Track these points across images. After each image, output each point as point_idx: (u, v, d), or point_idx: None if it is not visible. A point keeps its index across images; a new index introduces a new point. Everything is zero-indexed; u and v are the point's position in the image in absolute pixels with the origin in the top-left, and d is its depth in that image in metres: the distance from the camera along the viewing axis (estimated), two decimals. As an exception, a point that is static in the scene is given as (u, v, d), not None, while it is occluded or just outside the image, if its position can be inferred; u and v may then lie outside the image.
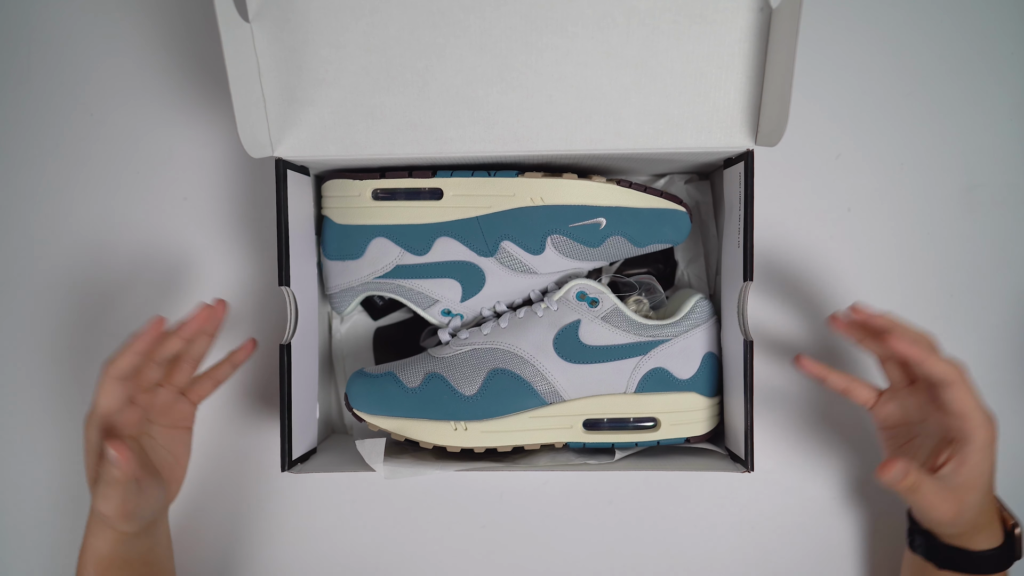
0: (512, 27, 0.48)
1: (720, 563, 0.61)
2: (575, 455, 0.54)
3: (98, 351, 0.62)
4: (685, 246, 0.60)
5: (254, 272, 0.62)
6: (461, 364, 0.53)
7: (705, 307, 0.53)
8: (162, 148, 0.62)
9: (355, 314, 0.61)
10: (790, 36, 0.43)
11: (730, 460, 0.52)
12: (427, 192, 0.53)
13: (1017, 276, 0.61)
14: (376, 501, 0.62)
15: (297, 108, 0.50)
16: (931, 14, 0.61)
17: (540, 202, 0.52)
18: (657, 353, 0.52)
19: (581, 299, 0.53)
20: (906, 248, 0.61)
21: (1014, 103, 0.61)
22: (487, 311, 0.55)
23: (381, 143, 0.50)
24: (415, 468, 0.51)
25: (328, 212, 0.55)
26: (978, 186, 0.61)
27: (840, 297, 0.61)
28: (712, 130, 0.49)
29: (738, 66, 0.48)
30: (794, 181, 0.62)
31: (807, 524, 0.61)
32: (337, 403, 0.62)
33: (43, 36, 0.62)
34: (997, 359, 0.61)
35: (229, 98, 0.44)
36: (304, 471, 0.52)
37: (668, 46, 0.48)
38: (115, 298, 0.62)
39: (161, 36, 0.62)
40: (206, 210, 0.62)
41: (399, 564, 0.62)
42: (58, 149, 0.62)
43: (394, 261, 0.53)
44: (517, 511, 0.62)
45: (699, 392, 0.53)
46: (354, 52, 0.49)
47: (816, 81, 0.61)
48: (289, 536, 0.62)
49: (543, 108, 0.49)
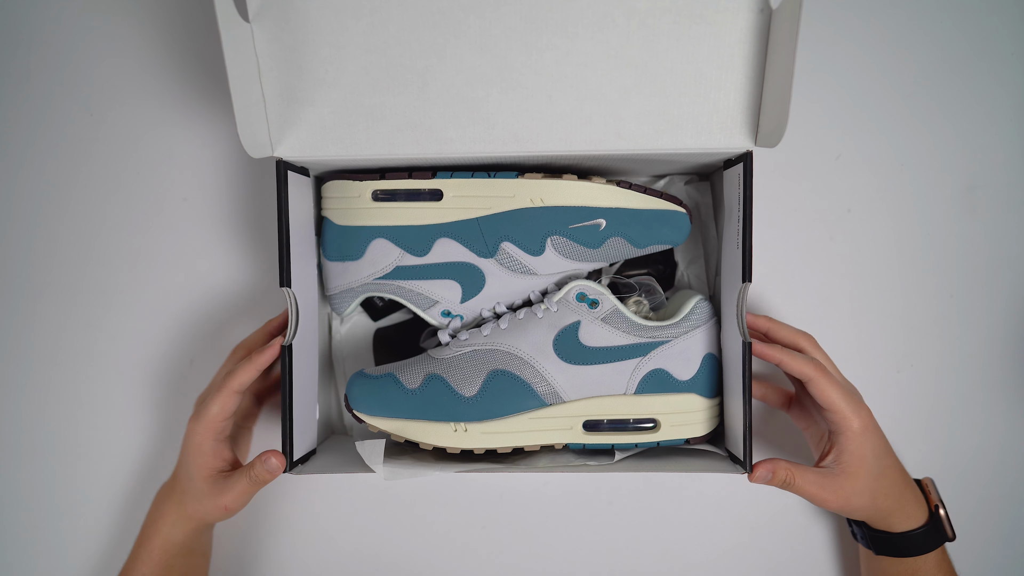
0: (512, 27, 0.48)
1: (720, 563, 0.61)
2: (575, 456, 0.54)
3: (98, 351, 0.62)
4: (685, 247, 0.60)
5: (253, 273, 0.62)
6: (461, 365, 0.53)
7: (705, 308, 0.53)
8: (162, 148, 0.62)
9: (355, 315, 0.61)
10: (790, 37, 0.43)
11: (730, 461, 0.52)
12: (427, 193, 0.53)
13: (1017, 276, 0.61)
14: (376, 502, 0.62)
15: (297, 108, 0.50)
16: (931, 14, 0.61)
17: (540, 203, 0.52)
18: (657, 354, 0.52)
19: (581, 300, 0.53)
20: (906, 248, 0.61)
21: (1014, 103, 0.61)
22: (487, 312, 0.55)
23: (381, 143, 0.50)
24: (415, 469, 0.51)
25: (328, 213, 0.55)
26: (978, 187, 0.61)
27: (840, 297, 0.61)
28: (712, 131, 0.49)
29: (738, 67, 0.48)
30: (794, 181, 0.62)
31: (807, 525, 0.61)
32: (337, 404, 0.62)
33: (43, 36, 0.62)
34: (997, 359, 0.61)
35: (229, 98, 0.44)
36: (304, 472, 0.52)
37: (668, 47, 0.48)
38: (115, 298, 0.62)
39: (161, 36, 0.62)
40: (206, 210, 0.62)
41: (399, 565, 0.62)
42: (58, 149, 0.62)
43: (394, 262, 0.53)
44: (517, 511, 0.62)
45: (699, 393, 0.53)
46: (354, 52, 0.49)
47: (816, 81, 0.61)
48: (290, 537, 0.62)
49: (543, 109, 0.49)
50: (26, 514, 0.62)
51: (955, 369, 0.61)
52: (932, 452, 0.61)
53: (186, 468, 0.52)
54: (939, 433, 0.61)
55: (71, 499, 0.62)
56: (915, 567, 0.52)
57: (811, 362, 0.49)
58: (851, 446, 0.49)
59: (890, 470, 0.51)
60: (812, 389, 0.49)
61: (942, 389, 0.61)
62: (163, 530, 0.53)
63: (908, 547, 0.52)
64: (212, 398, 0.50)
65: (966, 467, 0.61)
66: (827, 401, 0.49)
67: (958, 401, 0.61)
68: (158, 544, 0.53)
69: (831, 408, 0.49)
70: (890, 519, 0.51)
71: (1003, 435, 0.61)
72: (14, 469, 0.62)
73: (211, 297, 0.62)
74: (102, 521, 0.62)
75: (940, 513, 0.53)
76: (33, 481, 0.62)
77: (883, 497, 0.50)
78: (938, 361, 0.61)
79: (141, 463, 0.63)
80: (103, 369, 0.62)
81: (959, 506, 0.57)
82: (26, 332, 0.63)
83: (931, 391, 0.61)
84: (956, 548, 0.54)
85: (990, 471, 0.60)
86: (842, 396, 0.49)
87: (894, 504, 0.51)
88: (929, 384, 0.61)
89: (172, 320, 0.62)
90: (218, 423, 0.51)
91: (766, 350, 0.50)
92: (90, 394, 0.62)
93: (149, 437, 0.63)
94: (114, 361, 0.62)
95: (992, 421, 0.61)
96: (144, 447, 0.63)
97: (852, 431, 0.49)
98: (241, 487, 0.50)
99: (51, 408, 0.62)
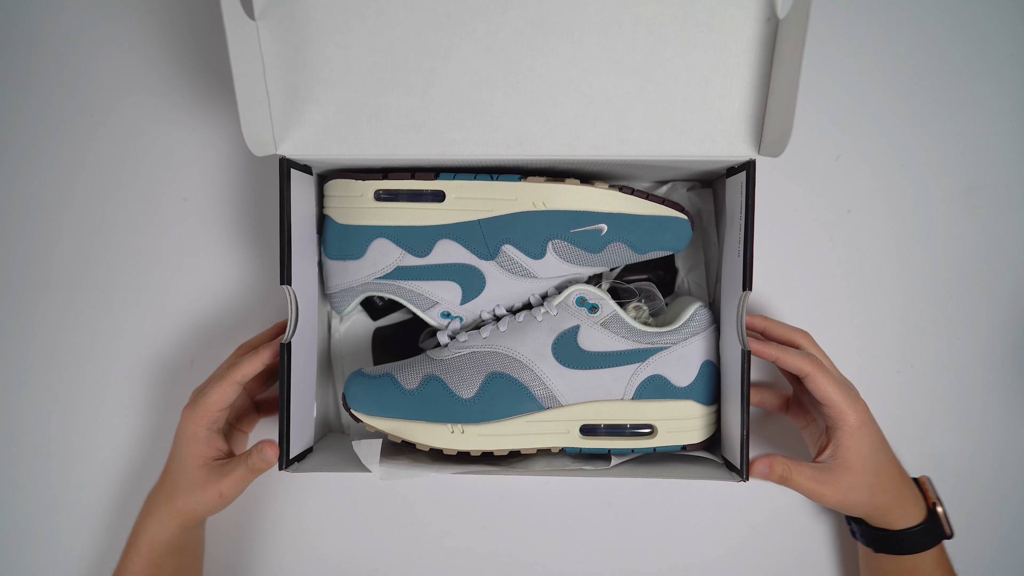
0: (518, 31, 0.48)
1: (720, 563, 0.61)
2: (571, 460, 0.55)
3: (98, 351, 0.62)
4: (686, 253, 0.60)
5: (253, 272, 0.62)
6: (459, 367, 0.53)
7: (704, 315, 0.53)
8: (162, 148, 0.62)
9: (355, 314, 0.61)
10: (796, 48, 0.43)
11: (726, 469, 0.52)
12: (429, 194, 0.53)
13: (1017, 276, 0.61)
14: (374, 501, 0.62)
15: (301, 107, 0.49)
16: (931, 15, 0.61)
17: (542, 207, 0.52)
18: (655, 360, 0.52)
19: (581, 305, 0.53)
20: (906, 249, 0.62)
21: (1014, 103, 0.61)
22: (487, 314, 0.55)
23: (384, 144, 0.50)
24: (411, 470, 0.51)
25: (330, 212, 0.55)
26: (978, 187, 0.61)
27: (840, 298, 0.61)
28: (715, 139, 0.49)
29: (743, 76, 0.48)
30: (794, 182, 0.62)
31: (807, 525, 0.61)
32: (335, 403, 0.62)
33: (43, 36, 0.62)
34: (997, 359, 0.61)
35: (229, 98, 0.44)
36: (301, 470, 0.52)
37: (674, 54, 0.48)
38: (115, 298, 0.62)
39: (160, 36, 0.62)
40: (206, 210, 0.62)
41: (398, 565, 0.62)
42: (58, 149, 0.62)
43: (395, 262, 0.53)
44: (517, 512, 0.62)
45: (696, 400, 0.53)
46: (359, 52, 0.49)
47: (816, 82, 0.61)
48: (286, 535, 0.62)
49: (547, 112, 0.49)
50: (26, 514, 0.62)
51: (955, 369, 0.61)
52: (931, 452, 0.61)
53: (179, 458, 0.51)
54: (938, 433, 0.62)
55: (71, 499, 0.62)
56: (914, 565, 0.52)
57: (807, 358, 0.50)
58: (848, 440, 0.49)
59: (887, 465, 0.51)
60: (809, 384, 0.49)
61: (942, 389, 0.61)
62: (151, 527, 0.52)
63: (907, 544, 0.52)
64: (212, 386, 0.51)
65: (965, 467, 0.61)
66: (824, 396, 0.49)
67: (958, 401, 0.61)
68: (146, 542, 0.52)
69: (828, 403, 0.49)
70: (888, 516, 0.51)
71: (1002, 435, 0.61)
72: (14, 469, 0.62)
73: (211, 297, 0.62)
74: (100, 521, 0.62)
75: (938, 511, 0.53)
76: (33, 481, 0.62)
77: (881, 493, 0.50)
78: (938, 361, 0.61)
79: (141, 463, 0.63)
80: (103, 369, 0.62)
81: (958, 506, 0.58)
82: (26, 332, 0.62)
83: (931, 391, 0.61)
84: (955, 548, 0.54)
85: (989, 471, 0.60)
86: (839, 391, 0.49)
87: (892, 501, 0.51)
88: (929, 384, 0.61)
89: (172, 320, 0.62)
90: (214, 411, 0.50)
91: (763, 348, 0.50)
92: (90, 394, 0.62)
93: (149, 437, 0.63)
94: (114, 361, 0.62)
95: (992, 421, 0.61)
96: (144, 447, 0.63)
97: (849, 425, 0.49)
98: (238, 474, 0.50)
99: (51, 408, 0.62)
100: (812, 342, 0.54)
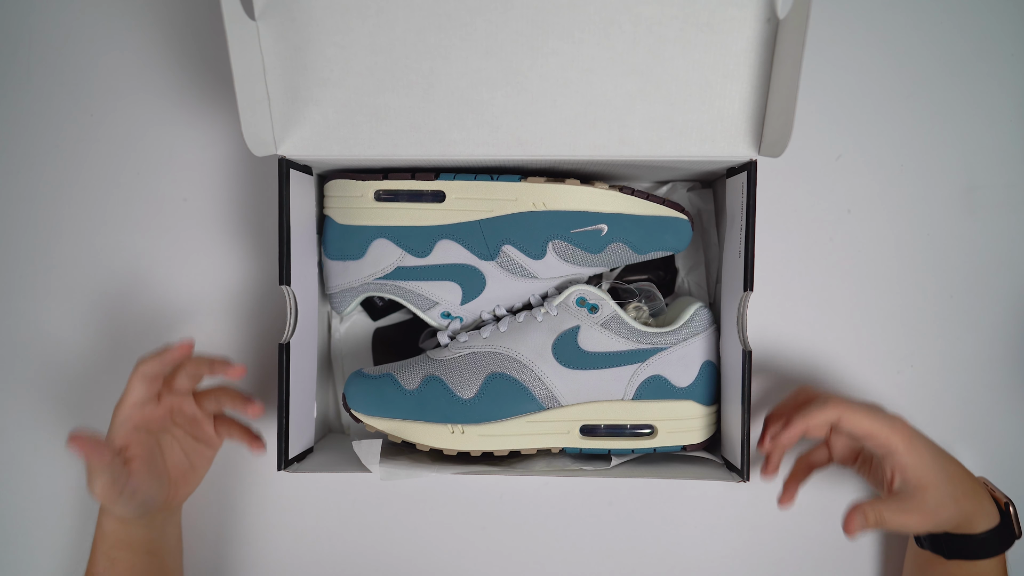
0: (518, 31, 0.48)
1: (720, 564, 0.61)
2: (571, 460, 0.55)
3: (98, 351, 0.62)
4: (686, 254, 0.60)
5: (253, 272, 0.62)
6: (459, 367, 0.53)
7: (704, 315, 0.53)
8: (162, 148, 0.62)
9: (355, 314, 0.61)
10: (796, 48, 0.43)
11: (725, 469, 0.52)
12: (429, 194, 0.53)
13: (1017, 276, 0.61)
14: (374, 501, 0.62)
15: (301, 107, 0.49)
16: (931, 15, 0.61)
17: (542, 207, 0.52)
18: (656, 360, 0.52)
19: (581, 305, 0.53)
20: (906, 249, 0.62)
21: (1014, 104, 0.61)
22: (487, 315, 0.55)
23: (384, 144, 0.50)
24: (411, 470, 0.51)
25: (330, 212, 0.55)
26: (978, 187, 0.61)
27: (840, 298, 0.61)
28: (716, 139, 0.49)
29: (743, 76, 0.48)
30: (794, 182, 0.62)
31: (807, 525, 0.61)
32: (335, 403, 0.62)
33: (43, 36, 0.62)
34: (997, 359, 0.61)
35: (229, 98, 0.44)
36: (300, 470, 0.52)
37: (674, 54, 0.48)
38: (115, 298, 0.62)
39: (160, 36, 0.62)
40: (206, 210, 0.62)
41: (398, 565, 0.62)
42: (58, 149, 0.62)
43: (395, 262, 0.53)
44: (517, 512, 0.62)
45: (697, 400, 0.53)
46: (359, 52, 0.49)
47: (816, 82, 0.61)
48: (285, 535, 0.62)
49: (547, 113, 0.49)
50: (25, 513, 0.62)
51: (955, 369, 0.61)
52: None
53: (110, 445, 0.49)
54: (939, 434, 0.61)
55: (70, 498, 0.62)
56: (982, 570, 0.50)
57: (825, 406, 0.48)
58: (908, 460, 0.47)
59: (955, 469, 0.49)
60: (845, 427, 0.47)
61: (942, 390, 0.61)
62: (99, 521, 0.52)
63: (988, 547, 0.49)
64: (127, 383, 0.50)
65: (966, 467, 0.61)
66: (862, 430, 0.47)
67: (958, 401, 0.61)
68: (98, 537, 0.52)
69: (869, 434, 0.47)
70: (973, 520, 0.49)
71: (1002, 435, 0.61)
72: (14, 469, 0.62)
73: (211, 297, 0.62)
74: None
75: (1011, 511, 0.51)
76: (33, 481, 0.62)
77: (963, 498, 0.48)
78: (938, 362, 0.61)
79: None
80: (103, 369, 0.62)
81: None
82: (26, 332, 0.62)
83: (931, 392, 0.61)
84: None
85: (989, 471, 0.60)
86: (873, 418, 0.47)
87: (974, 503, 0.49)
88: (929, 385, 0.61)
89: (172, 320, 0.62)
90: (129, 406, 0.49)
91: (788, 432, 0.48)
92: (90, 394, 0.62)
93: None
94: (114, 361, 0.62)
95: (992, 421, 0.61)
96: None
97: (900, 447, 0.47)
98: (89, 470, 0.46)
99: (51, 407, 0.62)
100: (812, 390, 0.52)
